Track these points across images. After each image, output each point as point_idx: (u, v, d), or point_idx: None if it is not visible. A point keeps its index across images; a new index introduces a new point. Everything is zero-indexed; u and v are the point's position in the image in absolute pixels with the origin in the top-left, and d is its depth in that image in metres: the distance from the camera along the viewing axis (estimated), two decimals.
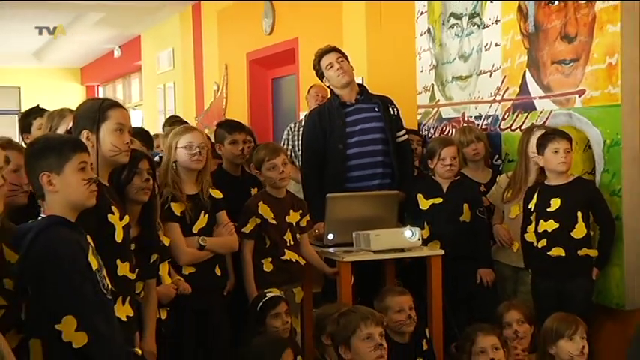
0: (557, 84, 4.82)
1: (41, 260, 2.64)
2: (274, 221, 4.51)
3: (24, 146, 3.66)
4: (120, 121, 3.16)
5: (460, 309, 4.84)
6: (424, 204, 4.96)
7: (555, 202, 4.39)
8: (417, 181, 5.24)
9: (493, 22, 5.35)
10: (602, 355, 4.48)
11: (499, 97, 5.30)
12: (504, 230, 4.92)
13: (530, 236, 4.49)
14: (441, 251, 4.65)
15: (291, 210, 4.63)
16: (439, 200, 4.95)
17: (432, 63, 5.98)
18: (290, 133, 6.91)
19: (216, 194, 4.34)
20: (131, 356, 2.94)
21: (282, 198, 4.62)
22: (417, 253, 4.62)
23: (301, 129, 6.26)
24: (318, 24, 7.63)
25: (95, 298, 2.69)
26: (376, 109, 5.19)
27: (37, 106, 5.15)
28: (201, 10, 10.70)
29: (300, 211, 4.67)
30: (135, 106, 14.57)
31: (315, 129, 5.22)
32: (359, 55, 6.46)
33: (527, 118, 5.05)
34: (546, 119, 4.87)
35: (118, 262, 3.12)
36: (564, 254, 4.37)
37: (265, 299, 4.11)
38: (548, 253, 4.40)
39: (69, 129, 3.50)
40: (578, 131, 4.60)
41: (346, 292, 4.43)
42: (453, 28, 5.74)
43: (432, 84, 5.97)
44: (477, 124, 5.47)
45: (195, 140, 4.21)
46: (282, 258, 4.53)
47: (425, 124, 6.06)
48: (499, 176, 5.09)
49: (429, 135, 5.96)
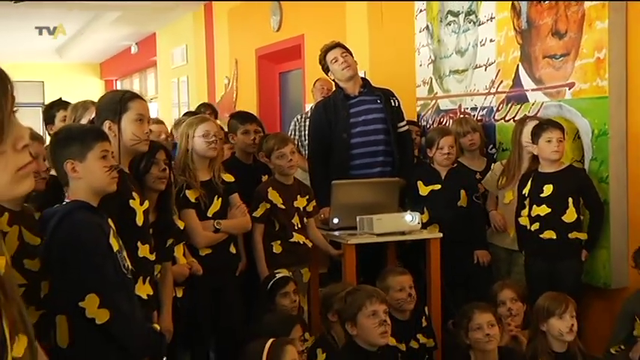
0: (548, 77, 4.79)
1: (65, 242, 2.64)
2: (283, 206, 4.50)
3: (41, 135, 3.66)
4: (140, 112, 3.16)
5: (457, 288, 4.83)
6: (424, 190, 4.94)
7: (548, 188, 4.37)
8: (416, 169, 5.21)
9: (488, 20, 5.32)
10: (591, 331, 4.48)
11: (494, 90, 5.27)
12: (499, 216, 4.90)
13: (524, 220, 4.48)
14: (440, 234, 4.64)
15: (299, 195, 4.61)
16: (438, 186, 4.92)
17: (430, 58, 5.95)
18: (297, 124, 6.87)
19: (228, 178, 4.34)
20: (151, 332, 2.92)
21: (290, 184, 4.60)
22: (416, 236, 4.62)
23: (307, 120, 6.24)
24: (322, 21, 7.60)
25: (116, 277, 2.68)
26: (378, 101, 5.17)
27: (60, 99, 5.14)
28: (213, 9, 10.65)
29: (307, 197, 4.66)
30: (150, 99, 14.52)
31: (321, 120, 5.20)
32: (361, 51, 6.42)
33: (520, 109, 5.02)
34: (538, 110, 4.85)
35: (138, 244, 3.11)
36: (556, 237, 4.35)
37: (275, 279, 4.10)
38: (540, 235, 4.39)
39: (91, 119, 3.49)
40: (568, 122, 4.57)
41: (350, 272, 4.42)
42: (450, 25, 5.71)
43: (431, 77, 5.94)
44: (473, 115, 5.45)
45: (212, 129, 4.22)
46: (291, 240, 4.51)
47: (423, 115, 6.03)
48: (493, 164, 5.07)
49: (427, 126, 5.93)
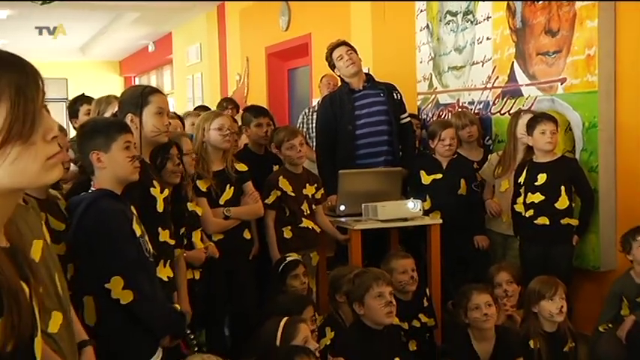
0: (541, 73, 4.77)
1: (92, 228, 2.63)
2: (293, 193, 4.48)
3: (65, 128, 3.65)
4: (160, 105, 3.14)
5: (456, 271, 4.80)
6: (426, 179, 4.91)
7: (542, 177, 4.34)
8: (419, 159, 5.19)
9: (485, 19, 5.29)
10: (581, 311, 4.47)
11: (490, 85, 5.24)
12: (494, 204, 4.87)
13: (520, 207, 4.46)
14: (439, 220, 4.63)
15: (308, 184, 4.59)
16: (439, 176, 4.90)
17: (430, 55, 5.91)
18: (305, 117, 6.84)
19: (242, 167, 4.33)
20: (172, 312, 2.91)
21: (299, 173, 4.58)
22: (418, 222, 4.60)
23: (314, 114, 6.23)
24: (328, 21, 7.56)
25: (139, 261, 2.67)
26: (381, 94, 5.14)
27: (83, 95, 5.14)
28: (226, 9, 10.62)
29: (316, 185, 4.64)
30: (167, 95, 14.50)
31: (328, 113, 5.18)
32: (365, 49, 6.39)
33: (515, 103, 5.00)
34: (532, 104, 4.83)
35: (159, 229, 3.10)
36: (549, 223, 4.33)
37: (286, 262, 4.08)
38: (534, 221, 4.37)
39: (114, 112, 3.47)
40: (560, 115, 4.54)
41: (356, 256, 4.41)
42: (449, 24, 5.67)
43: (431, 74, 5.91)
44: (471, 109, 5.42)
45: (226, 123, 4.23)
46: (300, 226, 4.49)
47: (424, 109, 6.01)
48: (490, 155, 5.04)
49: (427, 119, 5.91)
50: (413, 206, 4.52)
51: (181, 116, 5.59)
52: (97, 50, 15.53)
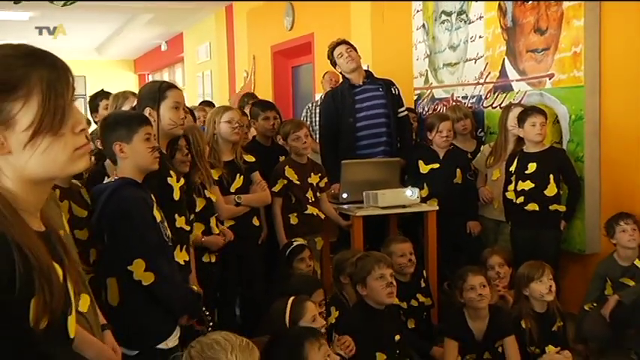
0: (531, 69, 4.75)
1: (115, 214, 2.63)
2: (298, 182, 4.48)
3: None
4: (176, 100, 3.12)
5: (451, 254, 4.80)
6: (424, 168, 4.91)
7: (532, 166, 4.34)
8: (417, 150, 5.18)
9: (477, 18, 5.26)
10: (568, 291, 4.47)
11: (482, 81, 5.23)
12: (487, 191, 4.86)
13: (511, 194, 4.45)
14: (436, 207, 4.64)
15: (312, 173, 4.59)
16: (437, 165, 4.89)
17: (426, 52, 5.90)
18: (308, 111, 6.82)
19: (250, 158, 4.32)
20: (189, 293, 2.91)
21: (304, 163, 4.57)
22: (416, 208, 4.61)
23: (317, 108, 6.21)
24: (330, 21, 7.53)
25: (159, 245, 2.66)
26: (380, 89, 5.13)
27: (102, 90, 5.13)
28: (234, 11, 10.58)
29: (320, 174, 4.63)
30: None
31: (330, 107, 5.17)
32: (365, 47, 6.36)
33: (505, 97, 4.98)
34: (522, 98, 4.81)
35: (176, 216, 3.09)
36: (538, 209, 4.33)
37: (292, 247, 4.07)
38: (525, 208, 4.36)
39: (133, 107, 3.45)
40: (548, 108, 4.53)
41: (358, 240, 4.42)
42: (443, 23, 5.65)
43: (426, 70, 5.89)
44: (464, 103, 5.40)
45: (235, 116, 4.22)
46: (305, 213, 4.49)
47: (420, 103, 5.99)
48: (483, 146, 5.03)
49: (423, 112, 5.89)
50: (411, 194, 4.52)
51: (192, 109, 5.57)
52: (112, 50, 15.49)
